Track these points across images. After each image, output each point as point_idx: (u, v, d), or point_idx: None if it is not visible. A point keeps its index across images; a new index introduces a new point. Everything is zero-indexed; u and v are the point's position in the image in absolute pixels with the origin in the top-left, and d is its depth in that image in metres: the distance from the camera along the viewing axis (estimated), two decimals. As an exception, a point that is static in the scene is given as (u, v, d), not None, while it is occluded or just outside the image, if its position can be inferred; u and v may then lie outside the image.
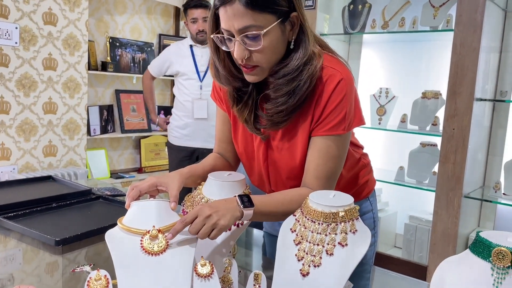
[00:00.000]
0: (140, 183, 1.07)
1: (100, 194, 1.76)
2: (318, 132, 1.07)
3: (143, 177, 3.82)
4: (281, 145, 1.13)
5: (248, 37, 0.98)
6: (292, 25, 1.03)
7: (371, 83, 3.15)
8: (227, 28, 1.00)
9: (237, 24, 0.97)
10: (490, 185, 2.64)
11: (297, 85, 1.03)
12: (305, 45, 1.04)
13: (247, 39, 0.99)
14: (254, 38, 0.98)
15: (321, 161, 1.07)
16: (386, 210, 3.12)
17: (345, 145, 1.11)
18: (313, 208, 0.92)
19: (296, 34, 1.04)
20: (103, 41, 3.59)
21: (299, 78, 1.02)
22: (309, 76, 1.02)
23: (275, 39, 1.00)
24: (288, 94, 1.03)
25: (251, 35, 0.98)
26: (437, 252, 2.57)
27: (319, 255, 0.88)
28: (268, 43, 0.99)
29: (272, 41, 1.00)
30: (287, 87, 1.03)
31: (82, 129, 3.26)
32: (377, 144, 3.21)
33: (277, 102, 1.05)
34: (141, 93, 3.85)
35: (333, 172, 1.10)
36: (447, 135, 2.50)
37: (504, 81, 2.67)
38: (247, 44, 1.00)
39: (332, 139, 1.07)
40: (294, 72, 1.02)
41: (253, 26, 0.97)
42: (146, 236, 0.87)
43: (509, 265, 0.66)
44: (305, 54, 1.03)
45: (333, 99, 1.05)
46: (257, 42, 0.99)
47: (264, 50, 1.00)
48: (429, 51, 3.02)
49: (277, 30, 1.00)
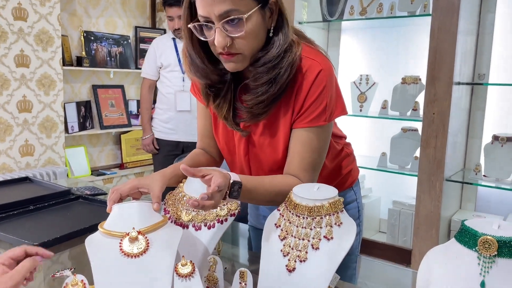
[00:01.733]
0: (120, 186, 1.03)
1: (80, 194, 1.71)
2: (299, 124, 1.06)
3: (125, 173, 3.76)
4: (263, 140, 1.11)
5: (230, 23, 0.95)
6: (271, 12, 1.00)
7: (351, 70, 3.15)
8: (206, 15, 0.96)
9: (217, 10, 0.94)
10: (471, 168, 2.68)
11: (278, 73, 1.00)
12: (284, 32, 1.01)
13: (228, 25, 0.96)
14: (236, 23, 0.95)
15: (305, 154, 1.06)
16: (369, 196, 3.15)
17: (327, 136, 1.10)
18: (297, 202, 0.90)
19: (275, 21, 1.01)
20: (77, 35, 3.49)
21: (280, 66, 1.00)
22: (290, 63, 1.00)
23: (257, 25, 0.98)
24: (269, 82, 1.01)
25: (232, 19, 0.94)
26: (420, 236, 2.60)
27: (305, 249, 0.87)
28: (250, 28, 0.96)
29: (254, 27, 0.97)
30: (267, 76, 1.01)
31: (59, 127, 3.18)
32: (359, 131, 3.22)
33: (257, 92, 1.02)
34: (119, 87, 3.77)
35: (317, 163, 1.09)
36: (428, 120, 2.52)
37: (481, 64, 2.70)
38: (228, 31, 0.96)
39: (313, 130, 1.06)
40: (275, 59, 1.00)
41: (234, 11, 0.94)
42: (126, 238, 0.84)
43: (496, 254, 0.65)
44: (285, 41, 1.01)
45: (313, 91, 1.03)
46: (239, 28, 0.96)
47: (247, 36, 0.97)
48: (408, 36, 3.03)
49: (258, 16, 0.97)
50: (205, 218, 1.01)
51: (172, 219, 1.04)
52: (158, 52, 2.88)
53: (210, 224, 1.01)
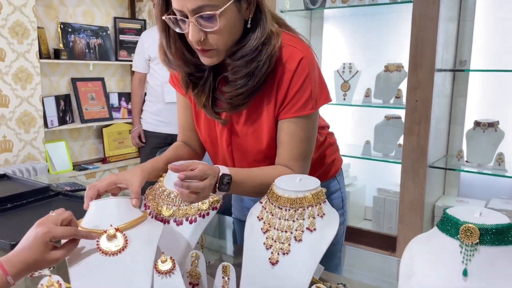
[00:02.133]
0: (98, 182, 1.01)
1: (60, 190, 1.67)
2: (286, 115, 1.04)
3: (108, 167, 3.70)
4: (245, 130, 1.09)
5: (203, 18, 0.93)
6: (248, 3, 0.97)
7: (334, 59, 3.14)
8: (180, 9, 0.93)
9: (190, 4, 0.91)
10: (453, 154, 2.70)
11: (256, 66, 0.98)
12: (262, 24, 0.99)
13: (202, 20, 0.93)
14: (209, 18, 0.93)
15: (294, 144, 1.06)
16: (354, 184, 3.16)
17: (315, 124, 1.09)
18: (279, 195, 0.89)
19: (252, 12, 0.99)
20: (54, 27, 3.39)
21: (258, 59, 0.98)
22: (268, 56, 0.98)
23: (232, 19, 0.95)
24: (247, 76, 0.99)
25: (205, 15, 0.92)
26: (405, 222, 2.62)
27: (288, 242, 0.86)
28: (224, 23, 0.94)
29: (228, 21, 0.94)
30: (246, 69, 0.99)
31: (38, 122, 3.10)
32: (343, 119, 3.22)
33: (236, 85, 1.01)
34: (99, 80, 3.70)
35: (307, 152, 1.09)
36: (411, 107, 2.53)
37: (462, 50, 2.71)
38: (202, 25, 0.94)
39: (301, 120, 1.05)
40: (252, 53, 0.98)
41: (207, 6, 0.91)
42: (103, 236, 0.82)
43: (477, 241, 0.65)
44: (263, 34, 0.98)
45: (296, 80, 1.02)
46: (213, 23, 0.93)
47: (221, 31, 0.95)
48: (390, 24, 3.03)
49: (233, 9, 0.94)
50: (186, 212, 0.99)
51: (153, 215, 1.02)
52: (146, 44, 2.85)
53: (192, 218, 0.99)
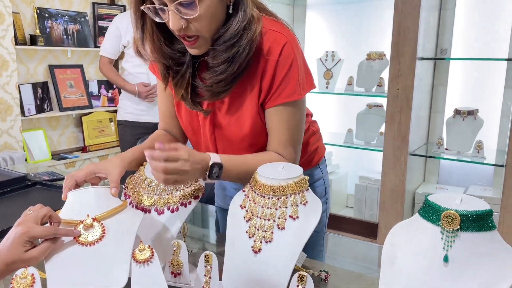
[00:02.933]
0: (76, 172, 0.98)
1: (37, 179, 1.63)
2: (274, 102, 1.03)
3: (88, 156, 3.64)
4: (228, 119, 1.08)
5: (182, 5, 0.90)
6: None
7: (317, 47, 3.13)
8: None
9: None
10: (434, 141, 2.74)
11: (236, 52, 0.96)
12: (244, 8, 0.97)
13: (182, 7, 0.91)
14: (189, 5, 0.90)
15: (284, 131, 1.05)
16: (337, 172, 3.18)
17: (302, 110, 1.08)
18: (262, 182, 0.88)
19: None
20: (30, 12, 3.29)
21: (238, 44, 0.96)
22: (249, 41, 0.96)
23: (213, 4, 0.93)
24: (227, 61, 0.97)
25: (185, 2, 0.90)
26: (386, 210, 2.66)
27: (270, 230, 0.85)
28: (205, 9, 0.92)
29: (209, 7, 0.92)
30: (226, 54, 0.97)
31: (15, 110, 3.02)
32: (326, 108, 3.23)
33: (216, 71, 0.99)
34: (77, 67, 3.61)
35: (297, 139, 1.08)
36: (392, 95, 2.54)
37: (443, 39, 2.73)
38: (182, 13, 0.91)
39: (289, 107, 1.04)
40: (233, 38, 0.96)
41: None
42: (80, 226, 0.80)
43: (458, 228, 0.65)
44: (244, 18, 0.96)
45: (282, 66, 1.00)
46: (193, 10, 0.91)
47: (202, 17, 0.92)
48: (373, 12, 3.03)
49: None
50: (168, 201, 0.98)
51: (133, 204, 1.00)
52: (123, 30, 2.73)
53: (173, 207, 0.98)
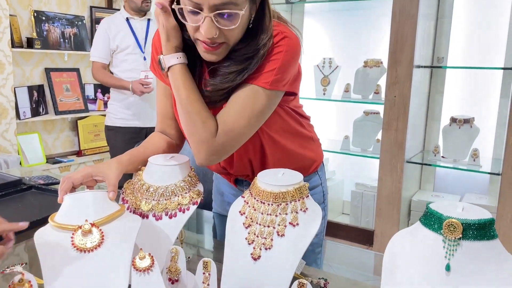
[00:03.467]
0: (73, 174, 0.97)
1: (32, 183, 1.62)
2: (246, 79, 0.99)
3: (83, 161, 3.62)
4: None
5: (223, 16, 0.90)
6: (254, 2, 0.96)
7: (314, 54, 3.14)
8: (198, 1, 0.88)
9: (213, 0, 0.87)
10: (430, 149, 2.75)
11: (249, 64, 0.97)
12: (266, 27, 0.97)
13: (220, 17, 0.90)
14: (230, 16, 0.90)
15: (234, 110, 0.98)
16: (333, 178, 3.18)
17: (264, 103, 1.00)
18: (262, 189, 0.88)
19: (255, 11, 0.97)
20: (27, 15, 3.28)
21: (256, 57, 0.97)
22: (262, 55, 0.97)
23: (246, 18, 0.94)
24: (238, 72, 0.97)
25: (228, 13, 0.89)
26: (382, 216, 2.66)
27: (270, 237, 0.84)
28: (241, 22, 0.92)
29: (244, 21, 0.93)
30: (240, 65, 0.97)
31: (10, 113, 3.00)
32: (323, 114, 3.23)
33: (224, 79, 0.98)
34: (74, 71, 3.60)
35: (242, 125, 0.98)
36: (389, 102, 2.55)
37: (440, 47, 2.75)
38: (219, 23, 0.91)
39: (254, 91, 0.98)
40: (251, 52, 0.97)
41: (231, 4, 0.88)
42: (78, 231, 0.79)
43: (460, 236, 0.65)
44: (267, 36, 0.97)
45: (269, 52, 0.98)
46: (232, 22, 0.91)
47: (236, 29, 0.93)
48: (370, 19, 3.05)
49: (248, 9, 0.93)
50: (166, 207, 0.97)
51: (131, 209, 0.99)
52: (112, 33, 2.71)
53: (172, 213, 0.97)
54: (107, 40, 2.71)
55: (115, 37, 2.70)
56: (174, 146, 1.22)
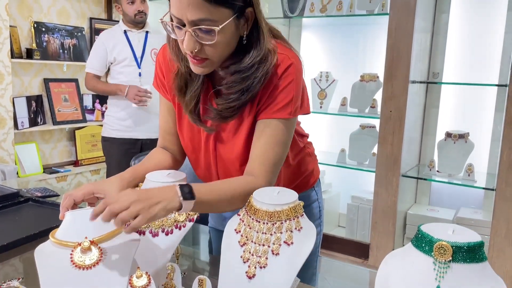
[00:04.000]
0: (74, 191, 0.98)
1: (30, 196, 1.62)
2: (265, 115, 1.04)
3: (80, 171, 3.62)
4: (231, 136, 1.09)
5: (201, 30, 0.92)
6: (246, 20, 0.98)
7: (311, 67, 3.17)
8: (179, 16, 0.93)
9: (190, 15, 0.90)
10: (425, 163, 2.77)
11: (251, 83, 0.99)
12: (259, 44, 0.99)
13: (200, 32, 0.93)
14: (207, 32, 0.93)
15: (268, 146, 1.04)
16: (329, 191, 3.20)
17: (291, 131, 1.08)
18: (257, 208, 0.89)
19: (249, 29, 0.99)
20: (27, 26, 3.31)
21: (254, 76, 0.99)
22: (264, 74, 0.99)
23: (229, 34, 0.95)
24: (241, 91, 1.00)
25: (205, 29, 0.92)
26: (378, 230, 2.67)
27: (265, 255, 0.86)
28: (222, 38, 0.94)
29: (226, 37, 0.95)
30: (240, 85, 0.99)
31: (8, 123, 3.01)
32: (319, 127, 3.26)
33: (229, 99, 1.01)
34: (72, 81, 3.62)
35: (278, 159, 1.06)
36: (385, 117, 2.58)
37: (435, 62, 2.79)
38: (199, 37, 0.94)
39: (278, 123, 1.04)
40: (247, 70, 0.99)
41: (207, 20, 0.91)
42: (77, 249, 0.80)
43: (450, 259, 0.67)
44: (259, 53, 0.99)
45: (281, 82, 1.02)
46: (210, 37, 0.93)
47: (217, 45, 0.95)
48: (366, 34, 3.09)
49: (232, 26, 0.95)
50: (162, 224, 0.98)
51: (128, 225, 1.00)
52: (109, 46, 2.75)
53: (168, 230, 0.98)
54: (104, 52, 2.74)
55: (112, 50, 2.73)
56: (175, 161, 1.24)
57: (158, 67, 1.18)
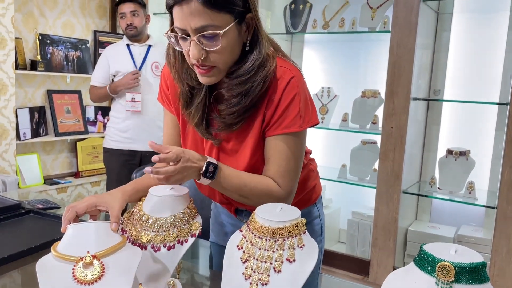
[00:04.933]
0: (76, 203, 0.99)
1: (31, 207, 1.62)
2: (274, 132, 1.06)
3: (80, 182, 3.62)
4: (235, 148, 1.11)
5: (206, 37, 0.95)
6: (247, 26, 1.01)
7: (313, 82, 3.20)
8: (182, 27, 0.96)
9: (193, 23, 0.93)
10: (426, 180, 2.77)
11: (251, 87, 1.01)
12: (259, 47, 1.02)
13: (204, 39, 0.96)
14: (212, 38, 0.95)
15: (282, 161, 1.07)
16: (330, 206, 3.19)
17: (302, 142, 1.10)
18: (260, 224, 0.89)
19: (251, 35, 1.02)
20: (32, 38, 3.34)
21: (253, 79, 1.01)
22: (263, 77, 1.02)
23: (232, 39, 0.98)
24: (241, 95, 1.02)
25: (208, 34, 0.95)
26: (378, 247, 2.66)
27: (267, 272, 0.85)
28: (226, 43, 0.97)
29: (229, 42, 0.98)
30: (240, 88, 1.02)
31: (10, 134, 3.02)
32: (320, 142, 3.26)
33: (230, 103, 1.03)
34: (75, 93, 3.64)
35: (294, 170, 1.09)
36: (386, 133, 2.59)
37: (437, 80, 2.81)
38: (204, 44, 0.96)
39: (288, 138, 1.06)
40: (248, 73, 1.01)
41: (210, 26, 0.94)
42: (79, 263, 0.80)
43: (453, 280, 0.67)
44: (259, 56, 1.02)
45: (285, 97, 1.04)
46: (215, 42, 0.96)
47: (222, 50, 0.97)
48: (368, 51, 3.11)
49: (234, 31, 0.98)
50: (164, 239, 0.98)
51: (130, 240, 1.00)
52: (112, 59, 2.80)
53: (170, 245, 0.98)
54: (106, 66, 2.81)
55: (115, 63, 2.79)
56: None
57: (162, 81, 1.20)
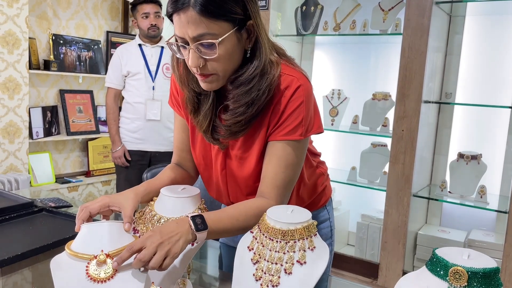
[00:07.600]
0: (90, 203, 1.00)
1: (43, 206, 1.64)
2: (275, 137, 1.05)
3: (91, 181, 3.65)
4: (240, 154, 1.10)
5: (203, 45, 0.95)
6: (248, 33, 1.00)
7: (323, 84, 3.19)
8: (181, 36, 0.96)
9: (191, 32, 0.94)
10: (437, 184, 2.75)
11: (256, 95, 1.00)
12: (260, 55, 1.01)
13: (202, 47, 0.96)
14: (209, 46, 0.95)
15: (279, 169, 1.05)
16: (339, 209, 3.18)
17: (302, 152, 1.09)
18: (271, 226, 0.89)
19: (252, 43, 1.01)
20: (46, 38, 3.38)
21: (258, 88, 1.00)
22: (268, 85, 1.01)
23: (231, 47, 0.97)
24: (247, 104, 1.01)
25: (206, 43, 0.94)
26: (388, 250, 2.64)
27: (278, 274, 0.86)
28: (224, 51, 0.96)
29: (227, 50, 0.97)
30: (246, 98, 1.01)
31: (23, 132, 3.06)
32: (330, 144, 3.25)
33: (236, 113, 1.02)
34: (88, 93, 3.68)
35: (290, 180, 1.07)
36: (397, 136, 2.58)
37: (448, 83, 2.79)
38: (202, 52, 0.96)
39: (289, 145, 1.05)
40: (250, 82, 1.00)
41: (207, 34, 0.93)
42: (93, 261, 0.81)
43: (466, 284, 0.66)
44: (259, 64, 1.00)
45: (291, 105, 1.03)
46: (212, 51, 0.96)
47: (220, 58, 0.97)
48: (379, 53, 3.10)
49: (233, 38, 0.97)
50: (176, 239, 0.99)
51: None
52: (124, 60, 2.81)
53: (181, 245, 0.98)
54: (119, 66, 2.81)
55: (127, 63, 2.80)
56: (189, 178, 1.25)
57: (172, 85, 1.21)
